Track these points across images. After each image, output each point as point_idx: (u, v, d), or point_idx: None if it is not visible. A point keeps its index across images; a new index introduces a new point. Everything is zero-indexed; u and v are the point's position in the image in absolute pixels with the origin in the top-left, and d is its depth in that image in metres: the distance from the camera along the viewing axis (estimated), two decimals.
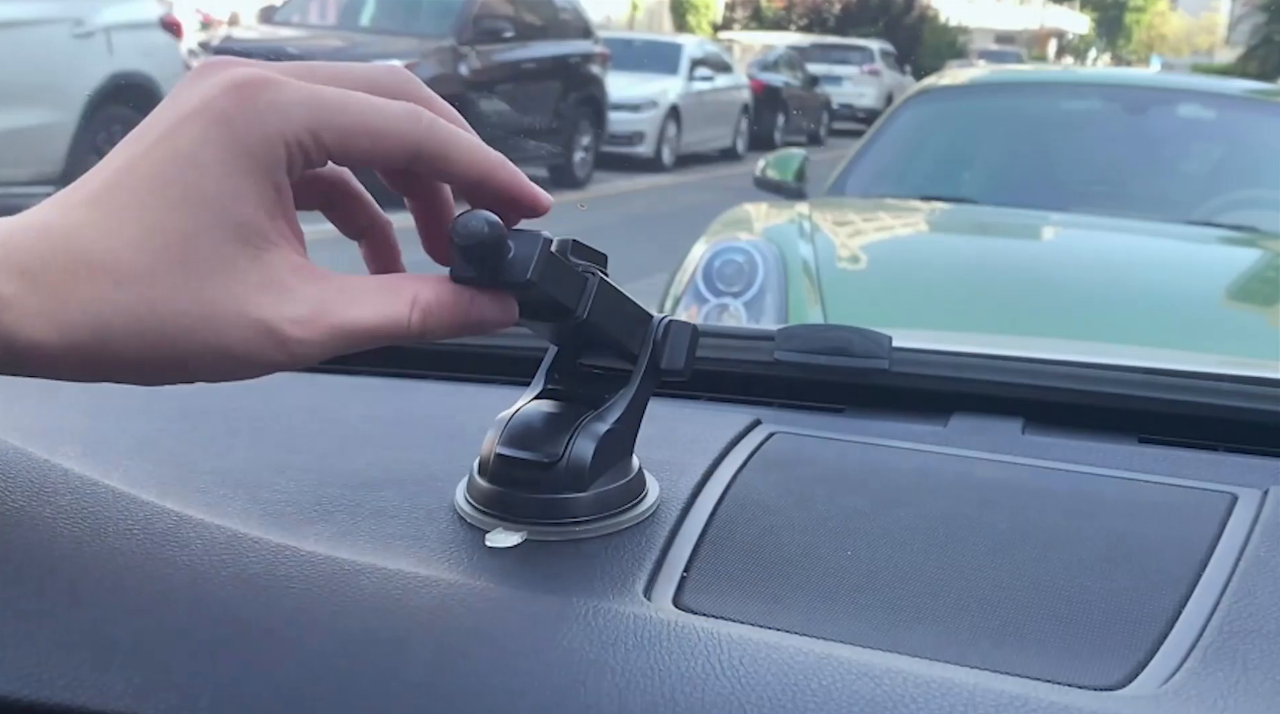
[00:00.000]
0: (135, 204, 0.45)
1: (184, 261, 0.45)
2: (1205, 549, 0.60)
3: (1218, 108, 3.80)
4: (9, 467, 0.59)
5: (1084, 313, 2.48)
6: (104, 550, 0.53)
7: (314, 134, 0.46)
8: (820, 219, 3.04)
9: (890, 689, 0.46)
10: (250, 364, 0.47)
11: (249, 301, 0.46)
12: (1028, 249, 3.16)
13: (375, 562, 0.53)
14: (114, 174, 0.46)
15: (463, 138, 0.50)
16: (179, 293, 0.45)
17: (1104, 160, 3.70)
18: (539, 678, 0.46)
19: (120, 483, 0.59)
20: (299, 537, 0.56)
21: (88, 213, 0.45)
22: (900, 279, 2.80)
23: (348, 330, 0.47)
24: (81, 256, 0.44)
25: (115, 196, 0.45)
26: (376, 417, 0.73)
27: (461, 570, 0.54)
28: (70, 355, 0.45)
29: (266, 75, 0.46)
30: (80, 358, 0.45)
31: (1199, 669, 0.50)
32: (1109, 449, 0.75)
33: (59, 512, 0.56)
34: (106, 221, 0.45)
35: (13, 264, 0.43)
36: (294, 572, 0.52)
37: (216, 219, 0.45)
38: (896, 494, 0.66)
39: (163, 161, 0.45)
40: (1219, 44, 45.60)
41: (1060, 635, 0.53)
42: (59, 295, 0.44)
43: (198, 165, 0.45)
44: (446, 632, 0.49)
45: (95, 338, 0.44)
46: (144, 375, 0.47)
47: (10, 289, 0.43)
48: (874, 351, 0.84)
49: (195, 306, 0.45)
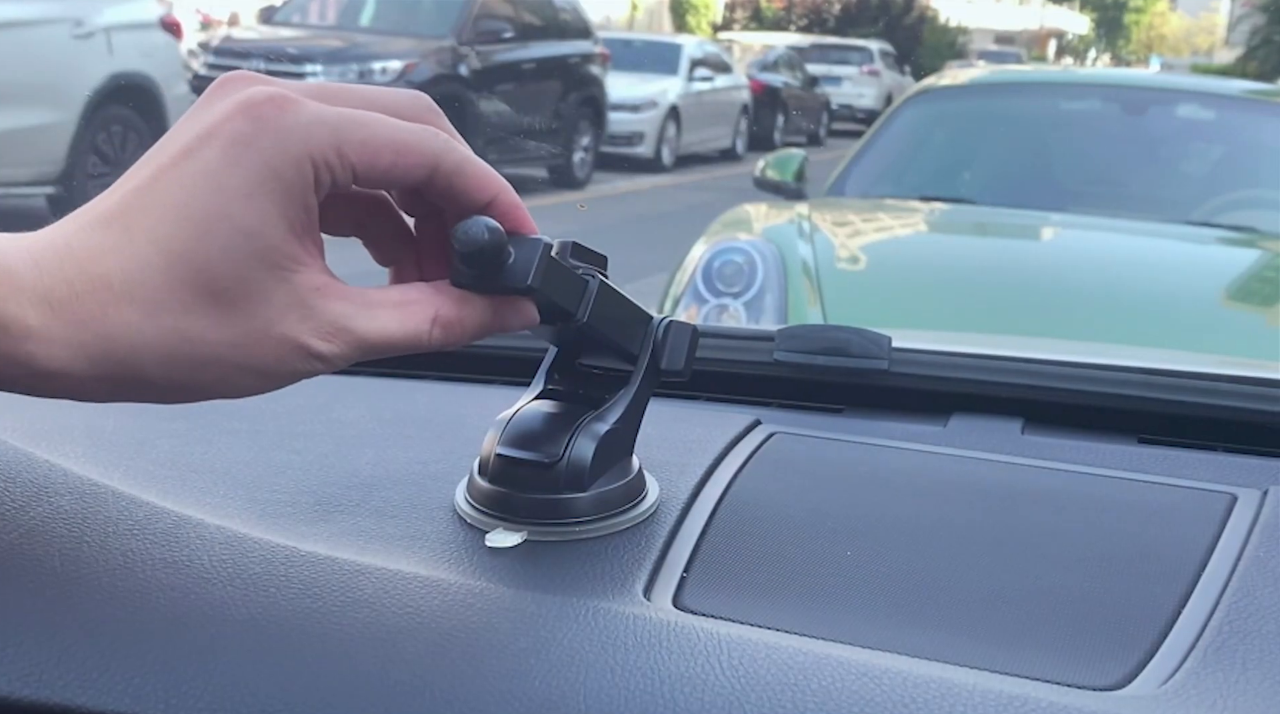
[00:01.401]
0: (158, 229, 0.45)
1: (212, 290, 0.45)
2: (1205, 549, 0.61)
3: (1217, 108, 3.80)
4: (10, 467, 0.59)
5: (1084, 313, 2.48)
6: (104, 551, 0.53)
7: (338, 152, 0.46)
8: (820, 219, 3.04)
9: (889, 689, 0.46)
10: (274, 378, 0.48)
11: (276, 322, 0.46)
12: (1027, 249, 3.16)
13: (375, 562, 0.54)
14: (134, 195, 0.46)
15: (476, 159, 0.50)
16: (208, 320, 0.45)
17: (1103, 161, 3.71)
18: (539, 677, 0.46)
19: (120, 483, 0.59)
20: (299, 537, 0.56)
21: (109, 236, 0.45)
22: (900, 279, 2.80)
23: (371, 343, 0.48)
24: (106, 283, 0.44)
25: (136, 220, 0.45)
26: (376, 416, 0.73)
27: (461, 570, 0.54)
28: (99, 383, 0.45)
29: (286, 95, 0.46)
30: (109, 385, 0.45)
31: (1198, 669, 0.50)
32: (1108, 449, 0.75)
33: (59, 512, 0.56)
34: (130, 247, 0.45)
35: (38, 292, 0.43)
36: (294, 572, 0.52)
37: (243, 246, 0.45)
38: (896, 494, 0.66)
39: (184, 184, 0.45)
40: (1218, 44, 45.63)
41: (1060, 636, 0.53)
42: (87, 327, 0.44)
43: (221, 189, 0.45)
44: (446, 631, 0.49)
45: (124, 367, 0.45)
46: (170, 396, 0.48)
47: (36, 319, 0.43)
48: (873, 352, 0.84)
49: (224, 333, 0.45)
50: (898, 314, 2.47)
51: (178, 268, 0.44)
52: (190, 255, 0.45)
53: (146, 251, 0.44)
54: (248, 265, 0.45)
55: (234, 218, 0.45)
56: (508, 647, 0.48)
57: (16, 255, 0.44)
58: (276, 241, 0.45)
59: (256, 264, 0.45)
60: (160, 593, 0.49)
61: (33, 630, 0.48)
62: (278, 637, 0.48)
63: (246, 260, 0.45)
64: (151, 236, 0.45)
